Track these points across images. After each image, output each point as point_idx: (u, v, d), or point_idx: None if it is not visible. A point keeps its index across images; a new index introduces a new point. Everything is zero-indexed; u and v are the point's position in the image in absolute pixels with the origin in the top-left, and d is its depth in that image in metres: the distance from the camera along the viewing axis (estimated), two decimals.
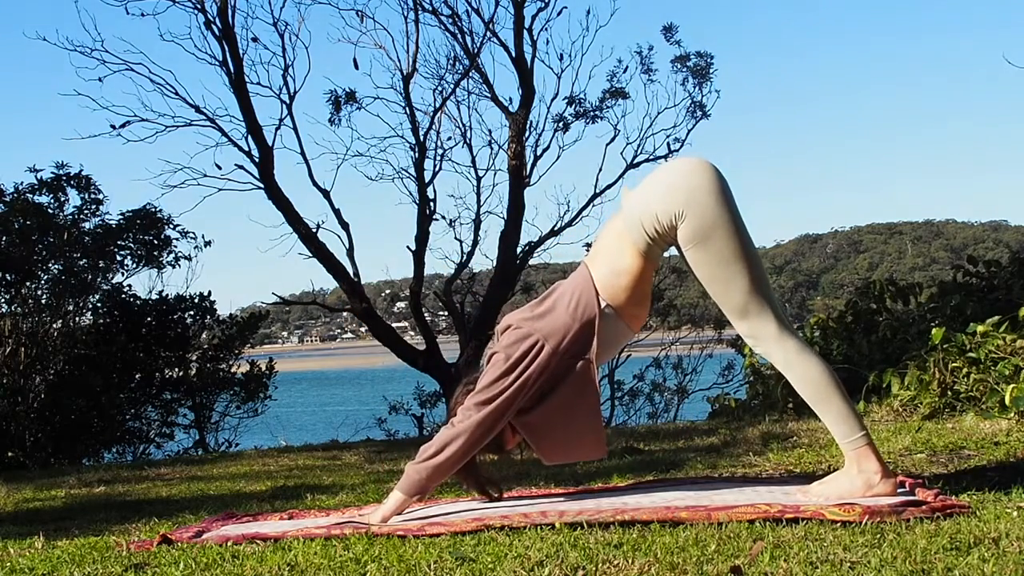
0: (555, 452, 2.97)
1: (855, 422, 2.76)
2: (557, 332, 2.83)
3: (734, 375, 11.95)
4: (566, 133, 11.40)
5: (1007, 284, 5.63)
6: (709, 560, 2.15)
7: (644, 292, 2.91)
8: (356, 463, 5.14)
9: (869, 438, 2.77)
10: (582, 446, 2.94)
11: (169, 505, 3.88)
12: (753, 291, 2.78)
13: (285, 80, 10.02)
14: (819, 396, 2.77)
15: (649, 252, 2.86)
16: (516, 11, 10.49)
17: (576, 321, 2.83)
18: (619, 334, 2.92)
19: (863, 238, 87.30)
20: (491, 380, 2.83)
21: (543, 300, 2.93)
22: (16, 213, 9.62)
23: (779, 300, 2.96)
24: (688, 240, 2.79)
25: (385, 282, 32.41)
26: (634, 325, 2.94)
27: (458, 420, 2.85)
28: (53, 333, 9.66)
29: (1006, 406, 4.11)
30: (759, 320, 2.79)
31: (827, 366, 2.80)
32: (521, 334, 2.85)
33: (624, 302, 2.87)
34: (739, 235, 2.78)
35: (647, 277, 2.90)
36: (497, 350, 2.88)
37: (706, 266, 2.79)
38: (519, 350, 2.82)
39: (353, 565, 2.31)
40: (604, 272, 2.87)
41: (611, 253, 2.88)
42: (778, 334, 2.78)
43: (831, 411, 2.77)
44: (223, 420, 10.80)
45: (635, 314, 2.92)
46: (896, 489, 2.76)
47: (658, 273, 13.29)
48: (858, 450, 2.75)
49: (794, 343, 2.79)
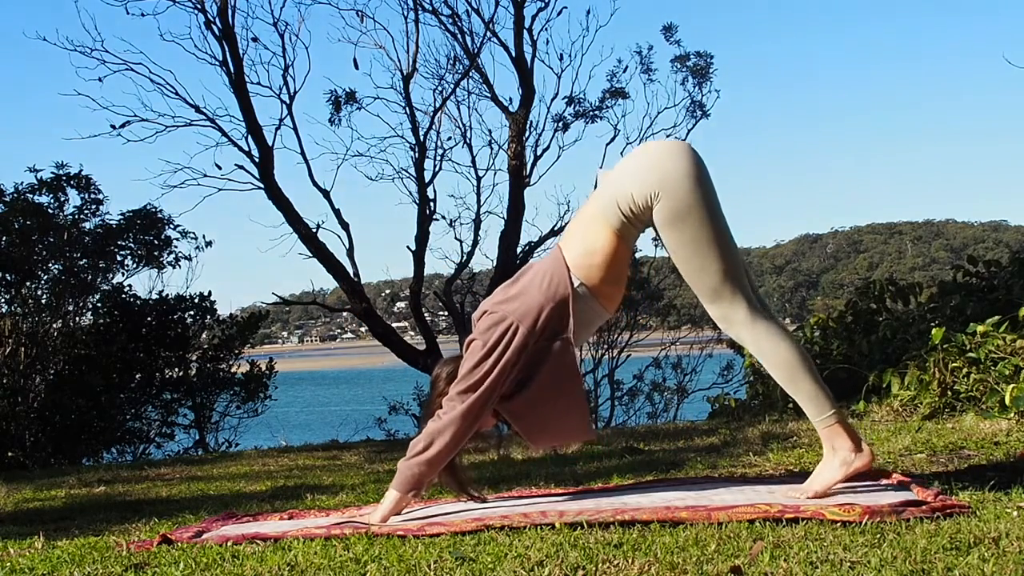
0: (541, 436, 2.97)
1: (825, 402, 2.78)
2: (530, 313, 2.82)
3: (734, 375, 11.95)
4: (566, 133, 11.41)
5: (1007, 284, 5.63)
6: (709, 560, 2.15)
7: (619, 272, 2.90)
8: (356, 463, 5.14)
9: (840, 416, 2.79)
10: (567, 428, 2.94)
11: (169, 505, 3.88)
12: (726, 275, 2.78)
13: (285, 80, 10.03)
14: (789, 377, 2.79)
15: (624, 232, 2.85)
16: (516, 11, 10.49)
17: (549, 300, 2.83)
18: (594, 314, 2.92)
19: (863, 238, 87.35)
20: (470, 367, 2.83)
21: (515, 282, 2.92)
22: (16, 213, 9.63)
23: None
24: (663, 221, 2.79)
25: (385, 282, 32.48)
26: (609, 306, 2.93)
27: (443, 412, 2.85)
28: (53, 333, 9.66)
29: (1006, 406, 4.11)
30: (731, 304, 2.80)
31: (799, 348, 2.80)
32: (495, 319, 2.85)
33: (597, 281, 2.86)
34: (714, 219, 2.79)
35: (622, 257, 2.89)
36: (474, 337, 2.88)
37: (681, 247, 2.80)
38: (495, 334, 2.82)
39: (353, 565, 2.31)
40: (577, 251, 2.86)
41: (585, 233, 2.88)
42: (750, 318, 2.79)
43: (802, 392, 2.79)
44: (223, 420, 10.81)
45: (609, 294, 2.90)
46: (872, 459, 2.79)
47: (658, 273, 13.31)
48: (830, 428, 2.79)
49: (764, 326, 2.79)
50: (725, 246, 2.79)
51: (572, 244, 2.89)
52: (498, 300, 2.89)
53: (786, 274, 77.95)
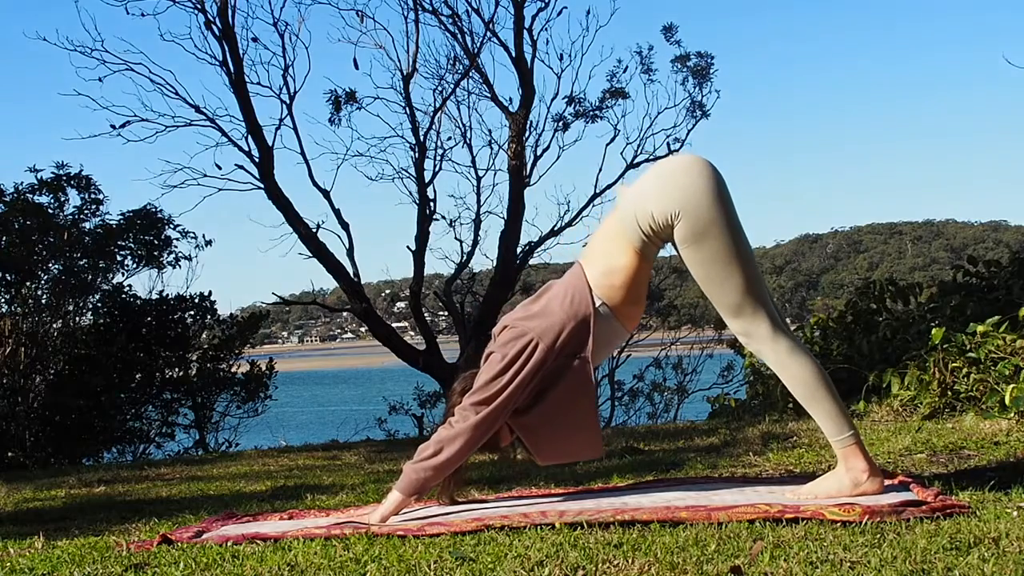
0: (552, 453, 2.97)
1: (844, 421, 2.79)
2: (552, 330, 2.82)
3: (734, 375, 11.96)
4: (566, 133, 11.45)
5: (1007, 284, 5.62)
6: (709, 560, 2.15)
7: (640, 292, 2.91)
8: (356, 463, 5.14)
9: (857, 437, 2.80)
10: (578, 446, 2.94)
11: (169, 505, 3.88)
12: (748, 290, 2.79)
13: (285, 80, 10.05)
14: (810, 396, 2.80)
15: (644, 250, 2.86)
16: (516, 11, 10.50)
17: (571, 319, 2.83)
18: (614, 334, 2.92)
19: (863, 238, 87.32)
20: (487, 379, 2.83)
21: (537, 299, 2.93)
22: (16, 213, 9.63)
23: (776, 300, 2.97)
24: (684, 239, 2.79)
25: (385, 282, 32.45)
26: (629, 325, 2.95)
27: (456, 420, 2.86)
28: (53, 333, 9.67)
29: (1006, 406, 4.11)
30: (753, 319, 2.80)
31: (819, 367, 2.81)
32: (516, 333, 2.85)
33: (619, 301, 2.87)
34: (734, 234, 2.79)
35: (643, 276, 2.90)
36: (493, 350, 2.89)
37: (701, 265, 2.80)
38: (514, 349, 2.83)
39: (353, 565, 2.31)
40: (599, 270, 2.87)
41: (606, 251, 2.88)
42: (771, 334, 2.79)
43: (822, 411, 2.80)
44: (223, 420, 10.82)
45: (630, 314, 2.92)
46: (883, 487, 2.78)
47: (658, 273, 13.32)
48: (846, 448, 2.79)
49: (786, 343, 2.80)
50: (746, 261, 2.79)
51: (593, 262, 2.89)
52: (519, 316, 2.90)
53: (786, 274, 77.90)
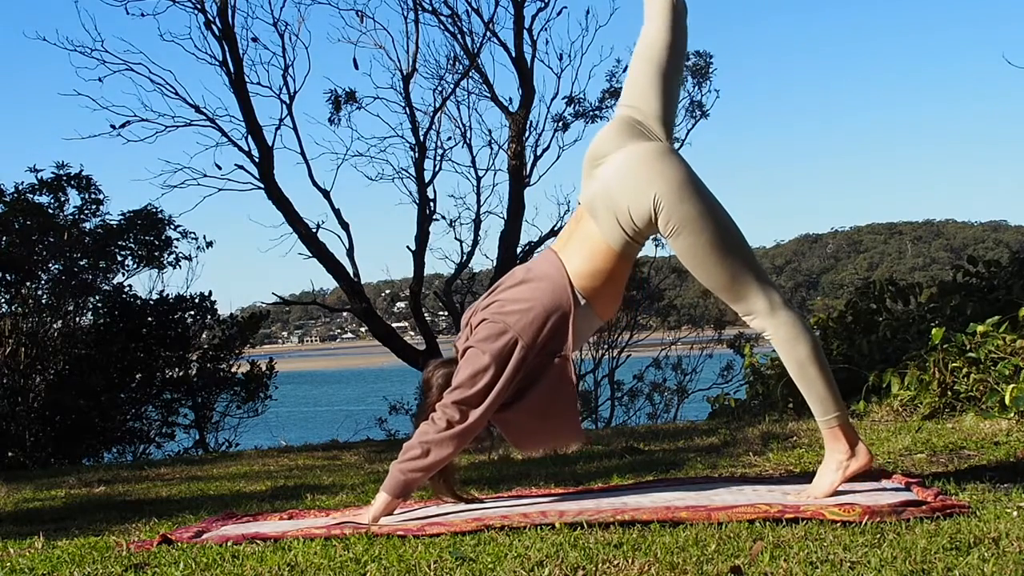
0: (530, 442, 3.01)
1: (832, 404, 2.80)
2: (532, 327, 2.79)
3: (734, 375, 11.98)
4: (566, 133, 11.43)
5: (1007, 284, 5.62)
6: (709, 560, 2.15)
7: (619, 288, 2.92)
8: (356, 463, 5.14)
9: (844, 419, 2.81)
10: (558, 435, 2.96)
11: (169, 505, 3.87)
12: (738, 270, 2.79)
13: (285, 80, 10.05)
14: (803, 375, 2.81)
15: (627, 250, 2.85)
16: (516, 11, 10.50)
17: (551, 314, 2.80)
18: (589, 327, 2.95)
19: (863, 238, 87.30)
20: (469, 376, 2.79)
21: (513, 286, 2.87)
22: (16, 213, 9.63)
23: (770, 275, 2.98)
24: (667, 231, 2.79)
25: (385, 282, 32.48)
26: (605, 316, 2.96)
27: (439, 418, 2.80)
28: (53, 333, 9.66)
29: (1006, 406, 4.11)
30: (748, 298, 2.81)
31: (815, 346, 2.80)
32: (496, 330, 2.80)
33: (599, 297, 2.87)
34: (716, 218, 2.79)
35: (623, 273, 2.90)
36: (472, 344, 2.83)
37: (688, 253, 2.80)
38: (495, 347, 2.78)
39: (353, 565, 2.31)
40: (580, 270, 2.84)
41: (584, 251, 2.85)
42: (768, 309, 2.80)
43: (812, 392, 2.81)
44: (223, 420, 10.81)
45: (608, 307, 2.93)
46: (871, 460, 2.81)
47: (658, 273, 13.32)
48: (831, 430, 2.81)
49: (785, 317, 2.80)
50: (732, 240, 2.79)
51: (573, 255, 2.86)
52: (495, 309, 2.84)
53: (786, 274, 77.86)
